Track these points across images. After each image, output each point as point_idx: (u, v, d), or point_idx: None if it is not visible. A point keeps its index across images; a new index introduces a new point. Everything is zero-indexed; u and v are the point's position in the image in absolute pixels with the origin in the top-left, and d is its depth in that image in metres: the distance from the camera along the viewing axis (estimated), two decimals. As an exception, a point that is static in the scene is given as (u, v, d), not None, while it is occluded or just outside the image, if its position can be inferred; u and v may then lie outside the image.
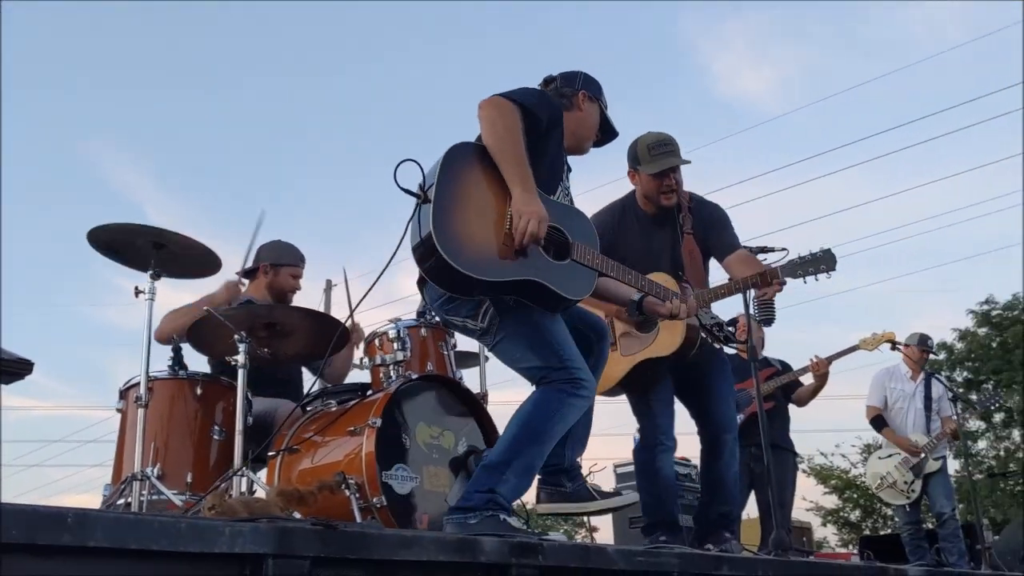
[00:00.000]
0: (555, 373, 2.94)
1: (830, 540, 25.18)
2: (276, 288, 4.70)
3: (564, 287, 3.01)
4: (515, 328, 3.02)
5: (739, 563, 2.88)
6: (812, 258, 3.88)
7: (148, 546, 1.55)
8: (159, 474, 3.58)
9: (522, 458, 2.85)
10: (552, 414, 2.90)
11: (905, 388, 7.34)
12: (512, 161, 2.92)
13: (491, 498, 2.76)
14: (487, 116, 2.97)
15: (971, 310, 24.92)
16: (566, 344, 3.01)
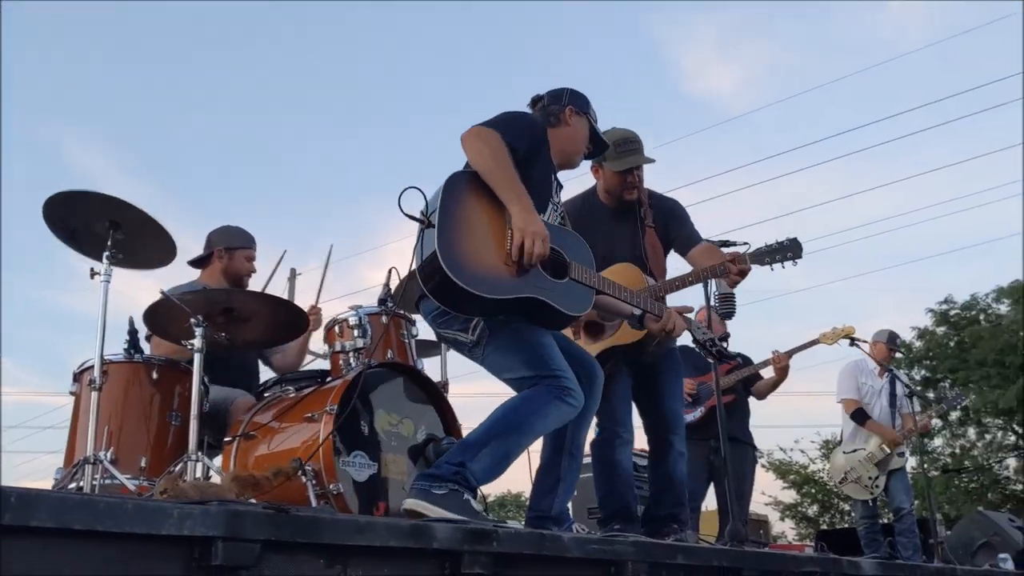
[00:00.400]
0: (545, 381, 3.00)
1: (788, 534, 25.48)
2: (232, 272, 4.66)
3: (565, 304, 3.12)
4: (505, 341, 3.09)
5: (694, 552, 2.90)
6: (779, 246, 3.97)
7: (93, 527, 1.52)
8: (112, 458, 3.52)
9: (500, 443, 2.88)
10: (539, 410, 2.95)
11: (874, 384, 7.42)
12: (507, 186, 3.03)
13: (460, 471, 2.78)
14: (474, 148, 3.07)
15: (930, 309, 25.28)
16: (555, 355, 3.07)
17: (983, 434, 25.32)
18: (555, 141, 3.38)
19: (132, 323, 3.84)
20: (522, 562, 2.31)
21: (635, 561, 2.55)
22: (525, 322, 3.10)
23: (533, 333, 3.10)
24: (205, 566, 1.67)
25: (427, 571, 2.09)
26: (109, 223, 3.55)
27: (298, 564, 1.84)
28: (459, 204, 3.01)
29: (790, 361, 6.50)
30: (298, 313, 3.93)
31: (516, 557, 2.28)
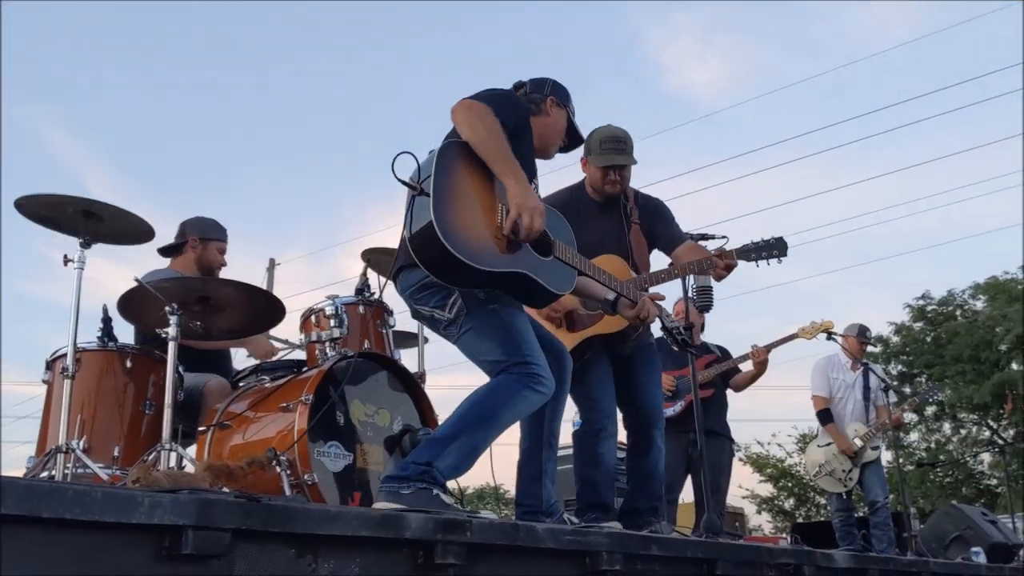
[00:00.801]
0: (515, 367, 2.96)
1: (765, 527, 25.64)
2: (204, 263, 4.65)
3: (550, 282, 3.12)
4: (480, 321, 3.05)
5: (668, 543, 2.90)
6: (765, 244, 4.06)
7: (61, 515, 1.50)
8: (85, 447, 3.50)
9: (467, 438, 2.84)
10: (506, 401, 2.91)
11: (846, 378, 7.45)
12: (502, 158, 2.99)
13: (427, 471, 2.75)
14: (466, 120, 3.03)
15: (907, 304, 25.49)
16: (529, 340, 3.04)
17: (958, 429, 25.59)
18: (534, 128, 3.37)
19: (106, 311, 3.81)
20: (496, 552, 2.30)
21: (609, 552, 2.55)
22: (505, 302, 3.08)
23: (510, 316, 3.07)
24: (175, 555, 1.66)
25: (399, 561, 2.09)
26: (83, 213, 3.52)
27: (269, 553, 1.83)
28: (451, 174, 2.98)
29: (768, 355, 6.53)
30: (274, 302, 3.91)
31: (489, 547, 2.27)
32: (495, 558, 2.30)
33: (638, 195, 4.38)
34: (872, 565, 4.05)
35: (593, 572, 2.52)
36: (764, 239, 4.06)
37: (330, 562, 1.94)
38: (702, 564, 2.98)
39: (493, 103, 3.08)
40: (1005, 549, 7.22)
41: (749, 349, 6.57)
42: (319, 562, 1.92)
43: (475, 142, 3.01)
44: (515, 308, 3.12)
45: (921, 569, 4.61)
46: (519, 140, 3.18)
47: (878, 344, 25.23)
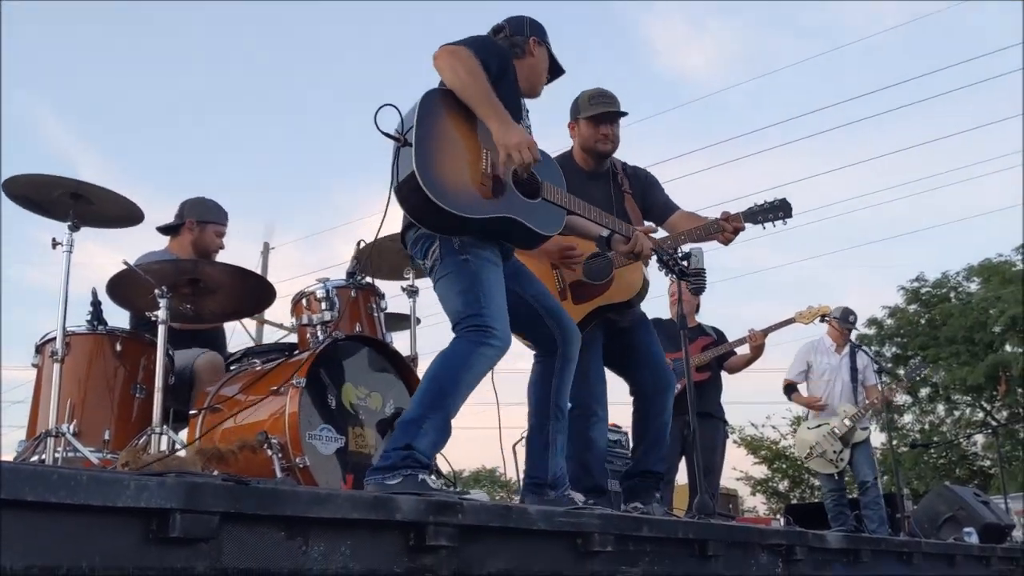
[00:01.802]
0: (469, 319, 2.96)
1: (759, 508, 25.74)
2: (201, 245, 4.61)
3: (538, 224, 3.16)
4: (452, 269, 3.05)
5: (659, 524, 2.90)
6: (770, 206, 4.03)
7: (46, 498, 1.49)
8: (75, 431, 3.49)
9: (437, 412, 2.83)
10: (461, 364, 2.90)
11: (831, 361, 7.50)
12: (484, 100, 3.01)
13: (408, 455, 2.73)
14: (447, 65, 3.04)
15: (901, 287, 25.53)
16: (492, 296, 3.02)
17: (952, 411, 25.68)
18: (521, 71, 3.39)
19: (95, 295, 3.79)
20: (488, 534, 2.30)
21: (601, 533, 2.55)
22: (480, 255, 3.06)
23: (480, 268, 3.05)
24: (163, 538, 1.65)
25: (391, 543, 2.08)
26: (71, 195, 3.49)
27: (258, 536, 1.82)
28: (434, 121, 2.98)
29: (765, 340, 6.55)
30: (264, 285, 3.89)
31: (481, 529, 2.27)
32: (487, 539, 2.30)
33: (626, 166, 4.37)
34: (864, 546, 4.05)
35: (585, 553, 2.52)
36: (768, 201, 4.04)
37: (320, 544, 1.93)
38: (693, 545, 2.99)
39: (474, 47, 3.09)
40: (997, 529, 7.25)
41: (746, 333, 6.57)
42: (309, 544, 1.91)
43: (457, 87, 3.02)
44: (490, 263, 3.09)
45: (913, 549, 4.62)
46: (501, 82, 3.18)
47: (872, 327, 25.31)
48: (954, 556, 5.07)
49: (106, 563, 1.59)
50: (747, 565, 3.26)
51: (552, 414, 3.38)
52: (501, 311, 3.03)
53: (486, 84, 3.04)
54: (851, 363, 7.40)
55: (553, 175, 3.31)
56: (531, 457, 3.42)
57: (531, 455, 3.43)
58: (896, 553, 4.47)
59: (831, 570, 3.79)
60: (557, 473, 3.33)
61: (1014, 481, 19.23)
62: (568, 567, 2.49)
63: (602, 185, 4.22)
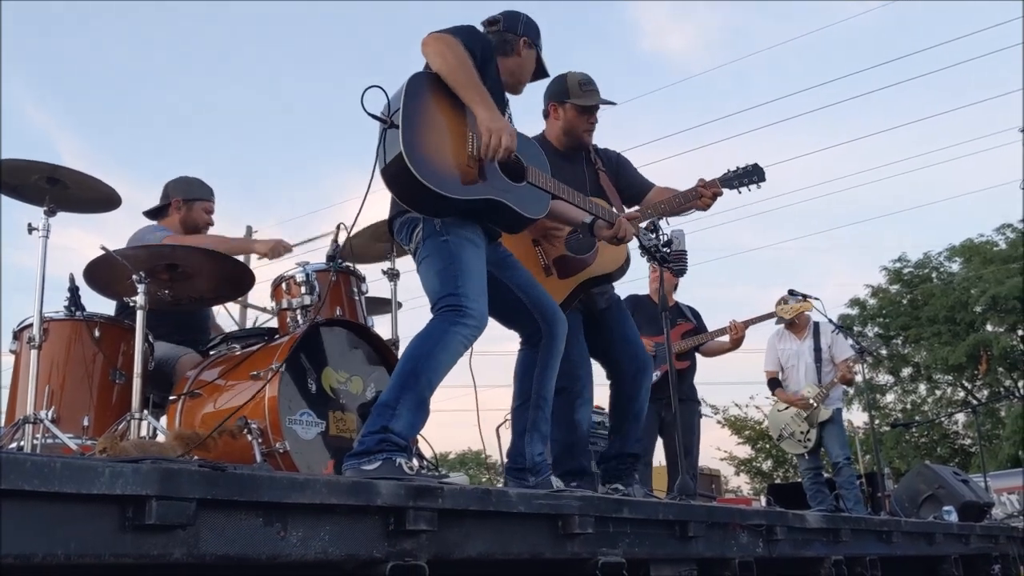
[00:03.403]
0: (445, 299, 2.98)
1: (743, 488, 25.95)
2: (190, 223, 4.56)
3: (523, 207, 3.20)
4: (432, 250, 3.08)
5: (640, 506, 2.91)
6: (744, 171, 4.15)
7: (19, 486, 1.48)
8: (54, 417, 3.47)
9: (411, 392, 2.82)
10: (435, 344, 2.90)
11: (792, 346, 7.63)
12: (470, 86, 3.06)
13: (384, 438, 2.72)
14: (436, 50, 3.09)
15: (884, 267, 25.67)
16: (470, 276, 3.04)
17: (933, 390, 25.91)
18: (504, 66, 3.43)
19: (73, 280, 3.76)
20: (468, 517, 2.30)
21: (581, 515, 2.55)
22: (461, 236, 3.08)
23: (460, 248, 3.07)
24: (139, 525, 1.64)
25: (370, 528, 2.07)
26: (47, 180, 3.46)
27: (236, 522, 1.81)
28: (421, 104, 3.01)
29: (746, 331, 6.68)
30: (243, 269, 3.86)
31: (461, 513, 2.27)
32: (467, 523, 2.30)
33: (596, 147, 4.36)
34: (844, 525, 4.08)
35: (565, 535, 2.52)
36: (740, 167, 4.15)
37: (299, 530, 1.92)
38: (674, 526, 3.00)
39: (461, 34, 3.15)
40: (976, 508, 7.32)
41: (728, 323, 6.68)
42: (288, 530, 1.90)
43: (445, 71, 3.07)
44: (470, 243, 3.11)
45: (893, 528, 4.66)
46: (485, 71, 3.21)
47: (855, 307, 25.45)
48: (933, 534, 5.12)
49: (82, 550, 1.58)
50: (728, 546, 3.28)
51: (534, 402, 3.38)
52: (478, 291, 3.03)
53: (473, 70, 3.08)
54: (815, 344, 7.50)
55: (538, 160, 3.35)
56: (512, 442, 3.43)
57: (512, 440, 3.44)
58: (876, 532, 4.51)
59: (811, 549, 3.82)
60: (536, 459, 3.32)
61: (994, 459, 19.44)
62: (548, 549, 2.49)
63: (577, 165, 4.21)
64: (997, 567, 5.79)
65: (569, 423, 3.99)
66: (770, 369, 7.75)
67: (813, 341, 7.51)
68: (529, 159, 3.27)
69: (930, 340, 23.74)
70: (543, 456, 3.37)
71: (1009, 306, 21.69)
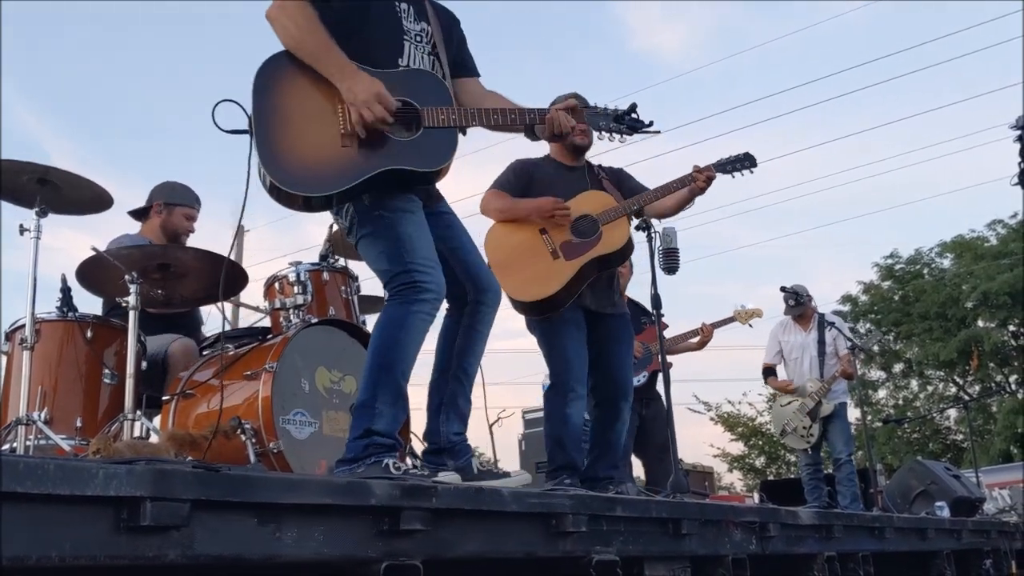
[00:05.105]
0: (398, 277, 2.82)
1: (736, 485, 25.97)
2: (169, 228, 4.56)
3: (420, 161, 2.87)
4: (369, 227, 2.89)
5: (632, 504, 2.91)
6: (736, 158, 4.29)
7: (12, 488, 1.48)
8: (47, 418, 3.46)
9: (386, 386, 2.75)
10: (399, 330, 2.79)
11: (797, 338, 7.67)
12: (322, 57, 2.79)
13: (369, 442, 2.68)
14: (278, 24, 2.80)
15: (875, 263, 25.71)
16: (416, 248, 2.85)
17: (925, 385, 25.95)
18: None
19: (65, 281, 3.75)
20: (461, 517, 2.30)
21: (574, 514, 2.55)
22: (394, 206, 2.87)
23: (397, 220, 2.86)
24: (134, 527, 1.64)
25: (365, 528, 2.08)
26: (38, 181, 3.45)
27: (230, 523, 1.81)
28: (274, 97, 2.77)
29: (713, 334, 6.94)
30: (236, 269, 3.86)
31: (455, 512, 2.27)
32: (460, 522, 2.30)
33: (600, 166, 4.53)
34: (836, 521, 4.10)
35: (558, 533, 2.53)
36: (732, 155, 4.28)
37: (293, 531, 1.92)
38: (667, 524, 3.00)
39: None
40: (968, 503, 7.34)
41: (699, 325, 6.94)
42: (282, 531, 1.90)
43: (292, 45, 2.80)
44: (405, 212, 2.89)
45: (885, 524, 4.68)
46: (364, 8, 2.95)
47: (847, 303, 25.50)
48: (925, 530, 5.14)
49: (76, 552, 1.58)
50: (721, 543, 3.29)
51: (453, 373, 3.11)
52: (428, 260, 2.86)
53: (321, 35, 2.78)
54: (819, 337, 7.53)
55: (436, 93, 2.97)
56: (428, 421, 3.15)
57: (428, 418, 3.15)
58: (868, 528, 4.53)
59: (804, 546, 3.84)
60: (453, 439, 3.05)
61: (985, 455, 19.50)
62: (541, 548, 2.50)
63: (579, 175, 4.37)
64: (989, 562, 5.82)
65: (561, 419, 4.02)
66: (769, 360, 7.78)
67: (818, 334, 7.54)
68: (424, 98, 2.90)
69: (922, 336, 23.79)
70: (461, 436, 3.09)
71: (1000, 302, 21.74)
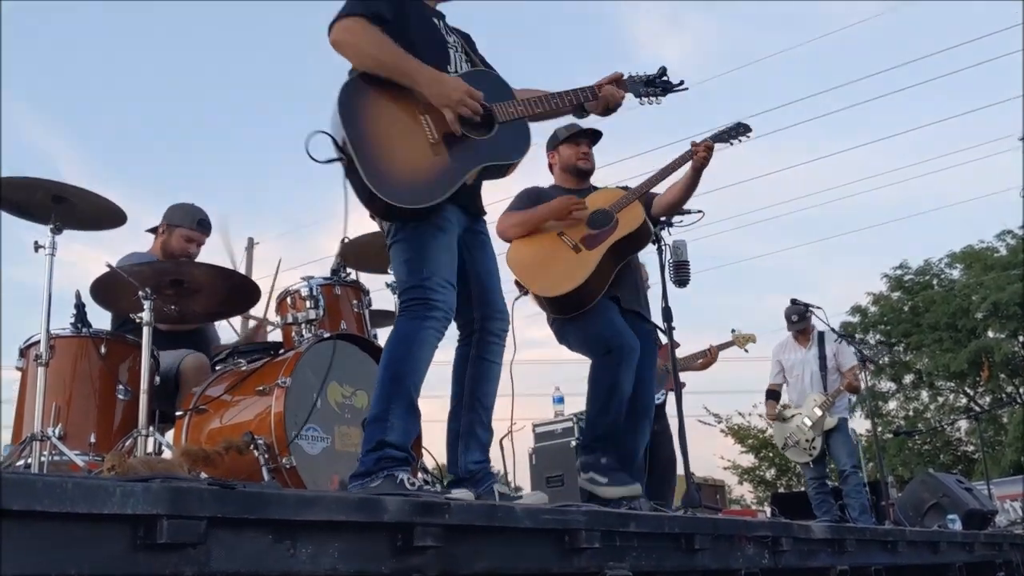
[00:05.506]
0: (411, 291, 2.89)
1: (747, 497, 25.89)
2: (168, 250, 4.58)
3: (504, 155, 3.06)
4: (402, 236, 2.96)
5: (646, 520, 2.91)
6: (731, 128, 4.34)
7: (31, 507, 1.49)
8: (61, 434, 3.48)
9: (398, 400, 2.78)
10: (409, 345, 2.84)
11: (797, 355, 7.73)
12: (403, 67, 2.88)
13: (382, 455, 2.70)
14: (349, 47, 2.89)
15: (885, 274, 25.64)
16: (438, 266, 2.92)
17: (936, 397, 25.85)
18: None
19: (79, 297, 3.78)
20: (474, 533, 2.31)
21: (588, 530, 2.55)
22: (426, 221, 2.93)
23: (427, 236, 2.93)
24: (150, 544, 1.65)
25: (378, 544, 2.08)
26: (53, 198, 3.48)
27: (246, 540, 1.82)
28: (362, 119, 2.85)
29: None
30: (248, 284, 3.88)
31: (468, 528, 2.28)
32: (474, 539, 2.30)
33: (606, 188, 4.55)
34: (849, 535, 4.08)
35: (572, 550, 2.53)
36: (727, 125, 4.34)
37: (308, 547, 1.93)
38: (680, 539, 3.00)
39: (359, 7, 2.88)
40: (980, 515, 7.31)
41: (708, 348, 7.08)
42: (297, 548, 1.91)
43: (369, 65, 2.89)
44: (438, 230, 2.96)
45: (898, 537, 4.66)
46: (405, 15, 3.01)
47: (856, 314, 25.43)
48: (938, 543, 5.11)
49: (94, 571, 1.58)
50: (734, 557, 3.28)
51: (467, 403, 3.14)
52: (443, 280, 2.92)
53: (396, 48, 2.87)
54: (819, 352, 7.57)
55: (498, 90, 3.14)
56: (447, 450, 3.20)
57: (447, 448, 3.20)
58: (881, 542, 4.51)
59: (817, 560, 3.82)
60: (472, 467, 3.08)
61: (997, 466, 19.39)
62: (555, 564, 2.50)
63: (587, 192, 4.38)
64: (1002, 575, 5.78)
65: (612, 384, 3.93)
66: (772, 381, 7.85)
67: (818, 350, 7.57)
68: (490, 96, 3.04)
69: (932, 347, 23.71)
70: (482, 464, 3.10)
71: (1010, 312, 21.68)
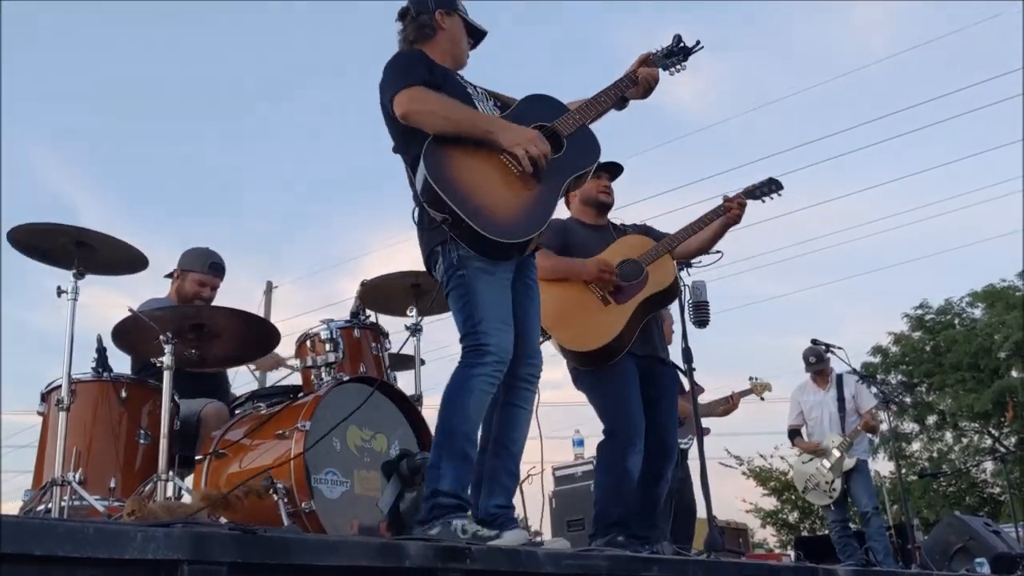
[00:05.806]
0: (467, 338, 2.97)
1: (769, 540, 25.53)
2: (181, 294, 4.60)
3: (582, 164, 3.25)
4: (453, 285, 3.05)
5: (669, 564, 2.88)
6: (763, 184, 4.39)
7: (53, 552, 1.49)
8: (81, 479, 3.48)
9: (451, 450, 2.86)
10: (461, 394, 2.91)
11: (815, 397, 7.71)
12: (472, 121, 3.07)
13: (435, 503, 2.79)
14: (419, 112, 3.04)
15: (905, 314, 25.46)
16: (488, 309, 3.00)
17: (960, 438, 25.50)
18: (437, 50, 3.31)
19: (100, 341, 3.79)
20: (496, 578, 2.29)
21: (610, 575, 2.53)
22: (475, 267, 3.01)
23: (475, 281, 3.01)
24: (171, 590, 1.64)
25: (400, 590, 2.07)
26: (75, 243, 3.51)
27: (267, 586, 1.81)
28: (451, 175, 2.97)
29: None
30: (268, 328, 3.89)
31: (491, 574, 2.26)
32: (496, 584, 2.29)
33: (623, 223, 4.61)
34: (876, 579, 4.03)
35: (594, 595, 2.50)
36: (758, 181, 4.37)
37: (329, 593, 1.92)
38: (704, 584, 2.97)
39: (410, 76, 3.08)
40: (1009, 559, 7.17)
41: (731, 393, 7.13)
42: (319, 593, 1.90)
43: (446, 127, 3.02)
44: (482, 272, 3.03)
45: (926, 582, 4.59)
46: (441, 85, 3.15)
47: (877, 354, 25.24)
48: (967, 588, 5.03)
49: (115, 616, 1.58)
50: (758, 602, 3.24)
51: (493, 450, 3.18)
52: (496, 322, 2.99)
53: (461, 106, 3.07)
54: (838, 394, 7.55)
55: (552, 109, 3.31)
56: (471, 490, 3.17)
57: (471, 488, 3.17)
58: (908, 586, 4.44)
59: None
60: (492, 511, 3.09)
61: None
62: (578, 610, 2.47)
63: (606, 234, 4.43)
64: (1031, 620, 5.67)
65: (620, 469, 3.93)
66: (792, 422, 7.81)
67: (836, 391, 7.55)
68: (548, 117, 3.24)
69: (955, 387, 23.44)
70: (502, 509, 3.10)
71: (1033, 352, 21.45)
